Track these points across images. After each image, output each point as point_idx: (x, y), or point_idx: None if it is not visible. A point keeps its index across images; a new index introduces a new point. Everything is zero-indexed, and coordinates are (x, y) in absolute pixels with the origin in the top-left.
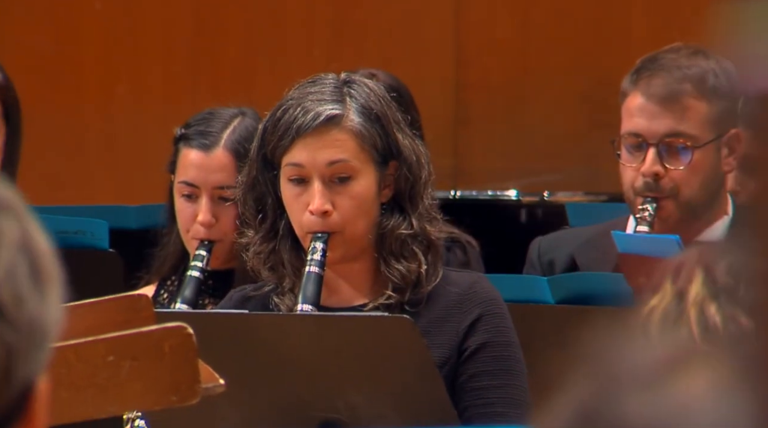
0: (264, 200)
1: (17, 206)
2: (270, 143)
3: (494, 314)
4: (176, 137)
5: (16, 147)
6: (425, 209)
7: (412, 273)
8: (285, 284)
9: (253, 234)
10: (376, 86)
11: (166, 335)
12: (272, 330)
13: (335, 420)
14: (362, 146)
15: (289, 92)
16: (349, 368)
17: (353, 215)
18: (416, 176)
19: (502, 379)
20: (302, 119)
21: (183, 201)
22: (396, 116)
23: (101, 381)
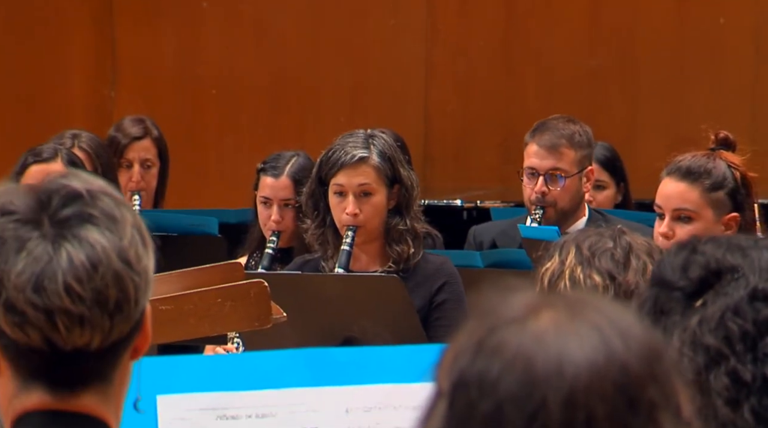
0: (318, 204)
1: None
2: (324, 171)
3: (453, 283)
4: (258, 169)
5: (165, 176)
6: (414, 214)
7: (404, 253)
8: (328, 255)
9: (310, 223)
10: (388, 138)
11: (251, 286)
12: (315, 283)
13: (353, 337)
14: (379, 175)
15: (337, 140)
16: (362, 307)
17: (371, 217)
18: (410, 193)
19: (454, 320)
20: (344, 158)
21: (262, 208)
22: (400, 157)
23: (214, 313)
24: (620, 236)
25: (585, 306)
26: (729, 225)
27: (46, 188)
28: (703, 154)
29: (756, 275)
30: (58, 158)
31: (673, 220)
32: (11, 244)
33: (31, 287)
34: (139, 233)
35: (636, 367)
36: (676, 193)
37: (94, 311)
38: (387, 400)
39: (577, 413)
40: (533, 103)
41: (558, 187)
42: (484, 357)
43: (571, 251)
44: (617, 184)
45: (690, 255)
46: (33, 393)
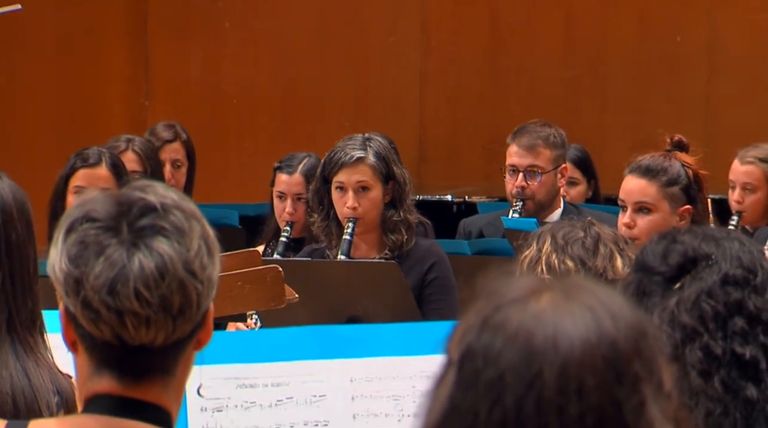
0: (323, 199)
1: (196, 213)
2: (327, 170)
3: (441, 262)
4: (275, 167)
5: (193, 174)
6: (407, 206)
7: (399, 241)
8: (333, 244)
9: (316, 217)
10: (383, 140)
11: (268, 271)
12: (323, 269)
13: (356, 316)
14: (375, 173)
15: (338, 143)
16: (364, 289)
17: (369, 210)
18: (403, 189)
19: (443, 295)
20: (344, 158)
21: (277, 201)
22: (393, 157)
23: (235, 294)
24: (590, 226)
25: (580, 289)
26: (683, 216)
27: (126, 200)
28: (660, 154)
29: (728, 262)
30: (103, 162)
31: (635, 212)
32: (92, 248)
33: (106, 289)
34: (206, 243)
35: (623, 344)
36: (637, 188)
37: (159, 314)
38: (386, 371)
39: (569, 383)
40: (515, 109)
41: (536, 182)
42: (489, 332)
43: (547, 240)
44: (588, 181)
45: (670, 244)
46: (103, 379)
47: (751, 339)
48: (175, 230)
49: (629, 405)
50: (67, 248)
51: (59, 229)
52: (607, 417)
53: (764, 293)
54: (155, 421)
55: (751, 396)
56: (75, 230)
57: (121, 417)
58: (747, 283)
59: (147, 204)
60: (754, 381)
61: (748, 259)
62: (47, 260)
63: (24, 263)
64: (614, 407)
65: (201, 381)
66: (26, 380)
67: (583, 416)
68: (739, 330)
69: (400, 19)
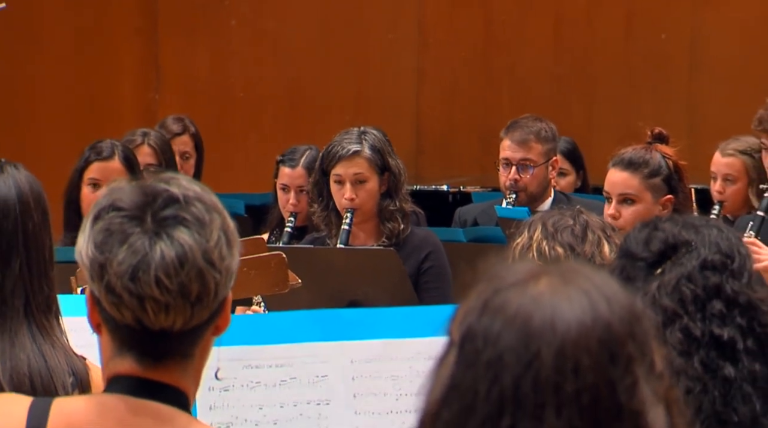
0: (322, 191)
1: (218, 206)
2: (325, 163)
3: (437, 251)
4: (277, 160)
5: (201, 166)
6: (402, 196)
7: (395, 230)
8: (332, 233)
9: (316, 207)
10: (378, 133)
11: (272, 258)
12: (324, 255)
13: (356, 300)
14: (371, 165)
15: (335, 137)
16: (364, 275)
17: (366, 200)
18: (398, 179)
19: (438, 283)
20: (341, 152)
21: (281, 193)
22: (388, 149)
23: (241, 280)
24: (578, 215)
25: (577, 274)
26: (665, 205)
27: (151, 191)
28: (642, 147)
29: (706, 248)
30: (116, 156)
31: (619, 203)
32: (117, 236)
33: (128, 276)
34: (225, 235)
35: (618, 326)
36: (621, 181)
37: (178, 301)
38: (385, 352)
39: (566, 362)
40: (507, 105)
41: (528, 175)
42: (489, 314)
43: (538, 228)
44: (577, 172)
45: (652, 232)
46: (125, 360)
47: (729, 321)
48: (196, 221)
49: (622, 385)
50: (93, 235)
51: (87, 216)
52: (602, 395)
53: (741, 277)
54: (173, 402)
55: (729, 375)
56: (102, 218)
57: (141, 397)
58: (725, 268)
59: (171, 196)
60: (731, 360)
61: (725, 245)
62: (62, 247)
63: (40, 251)
64: (608, 386)
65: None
66: (43, 361)
67: (578, 394)
68: (718, 312)
69: (398, 19)
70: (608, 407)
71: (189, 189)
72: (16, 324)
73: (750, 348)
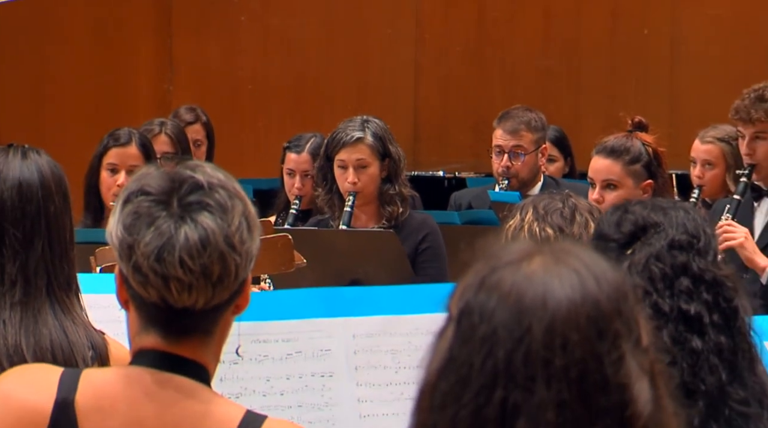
0: (326, 175)
1: (240, 193)
2: (330, 149)
3: (434, 234)
4: (284, 147)
5: (212, 152)
6: (402, 181)
7: (394, 212)
8: (335, 215)
9: (321, 191)
10: (379, 122)
11: (279, 239)
12: (328, 237)
13: (358, 279)
14: (373, 151)
15: (339, 125)
16: (365, 255)
17: (368, 184)
18: (398, 165)
19: (435, 263)
20: (345, 138)
21: (287, 177)
22: (389, 137)
23: None
24: (567, 198)
25: (569, 254)
26: (646, 190)
27: (178, 177)
28: (623, 135)
29: (674, 229)
30: (133, 142)
31: (602, 188)
32: (144, 219)
33: (154, 256)
34: (246, 220)
35: (605, 304)
36: (603, 167)
37: (200, 281)
38: (384, 328)
39: (555, 338)
40: (499, 95)
41: (519, 162)
42: (485, 292)
43: (530, 211)
44: (565, 158)
45: (623, 214)
46: (150, 335)
47: (696, 297)
48: (218, 206)
49: (609, 359)
50: (123, 217)
51: (118, 199)
52: (589, 369)
53: (707, 255)
54: (195, 376)
55: (696, 347)
56: (131, 202)
57: (164, 370)
58: (691, 247)
59: (196, 182)
60: (698, 333)
61: (692, 226)
62: (82, 228)
63: (61, 233)
64: (595, 360)
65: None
66: (64, 336)
67: (567, 368)
68: (685, 288)
69: (396, 16)
70: (595, 380)
71: (213, 177)
72: (39, 302)
73: (716, 322)
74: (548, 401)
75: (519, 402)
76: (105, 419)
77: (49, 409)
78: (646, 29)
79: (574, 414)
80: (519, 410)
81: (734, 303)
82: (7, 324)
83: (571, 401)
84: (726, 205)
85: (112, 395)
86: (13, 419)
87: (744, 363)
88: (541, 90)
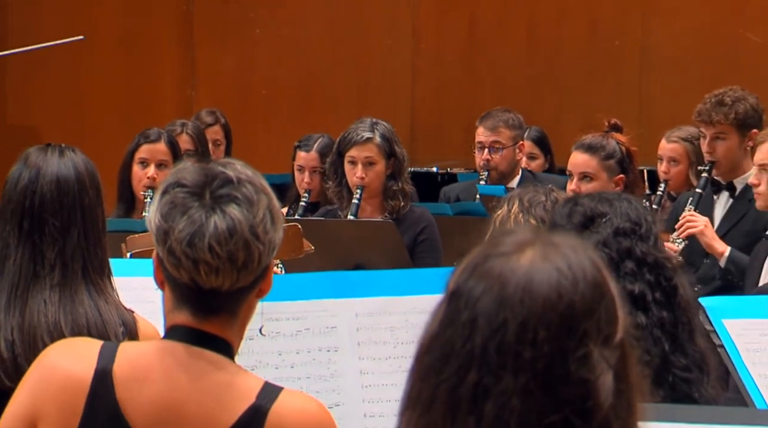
0: (337, 170)
1: (266, 188)
2: (341, 146)
3: (430, 226)
4: (294, 146)
5: (229, 151)
6: (404, 178)
7: (397, 206)
8: (344, 206)
9: (331, 184)
10: (387, 125)
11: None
12: (334, 226)
13: (361, 264)
14: (380, 150)
15: (351, 126)
16: (367, 243)
17: (374, 180)
18: (402, 164)
19: (431, 252)
20: (356, 138)
21: (297, 173)
22: (395, 139)
23: None
24: (550, 192)
25: (557, 252)
26: (618, 183)
27: (211, 172)
28: (600, 134)
29: (618, 218)
30: (162, 140)
31: (580, 180)
32: (179, 208)
33: (186, 242)
34: (270, 213)
35: (579, 305)
36: (581, 161)
37: (226, 266)
38: (384, 307)
39: (527, 333)
40: (488, 98)
41: (498, 156)
42: (475, 278)
43: (515, 203)
44: (545, 155)
45: (573, 207)
46: (182, 313)
47: (639, 278)
48: (245, 200)
49: (574, 356)
50: (160, 206)
51: (157, 191)
52: (555, 363)
53: (648, 240)
54: (221, 351)
55: (641, 322)
56: (168, 193)
57: (194, 345)
58: (634, 233)
59: (226, 177)
60: (643, 310)
61: (635, 215)
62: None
63: (95, 222)
64: (561, 356)
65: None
66: (98, 314)
67: (534, 361)
68: (630, 271)
69: (395, 26)
70: (559, 374)
71: (242, 173)
72: (75, 284)
73: (658, 299)
74: (514, 389)
75: (489, 386)
76: (140, 387)
77: (89, 378)
78: (618, 40)
79: (538, 403)
80: (489, 394)
81: (674, 282)
82: (47, 303)
83: (535, 390)
84: (689, 197)
85: (147, 365)
86: (57, 387)
87: (684, 335)
88: (525, 93)
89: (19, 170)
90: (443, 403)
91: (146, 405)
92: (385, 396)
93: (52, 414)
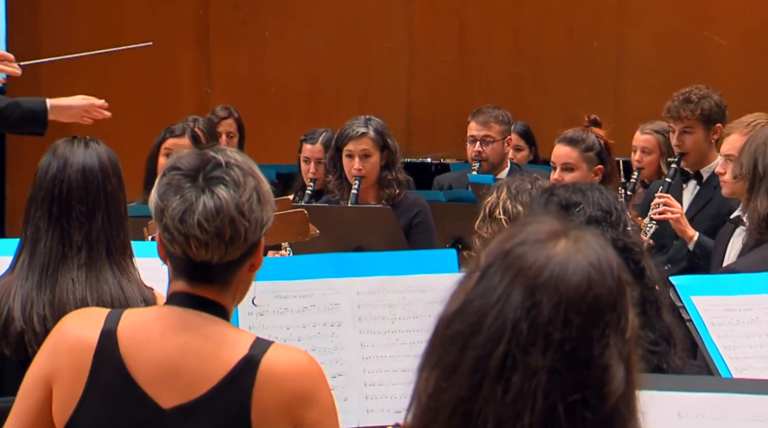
0: (336, 163)
1: (254, 171)
2: (339, 142)
3: (424, 211)
4: (301, 139)
5: (242, 143)
6: (398, 168)
7: (392, 194)
8: (344, 196)
9: (331, 177)
10: (380, 120)
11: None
12: (336, 212)
13: (361, 246)
14: (375, 143)
15: (346, 123)
16: (367, 227)
17: (370, 171)
18: (395, 155)
19: (425, 235)
20: (352, 133)
21: (303, 164)
22: (388, 132)
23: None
24: (535, 181)
25: (588, 245)
26: (597, 173)
27: (205, 157)
28: (580, 129)
29: (591, 207)
30: (186, 134)
31: (562, 171)
32: (174, 189)
33: (177, 218)
34: (257, 194)
35: (605, 298)
36: (564, 153)
37: (215, 241)
38: (383, 286)
39: (559, 316)
40: (478, 97)
41: (488, 148)
42: (510, 259)
43: (504, 191)
44: (530, 148)
45: (549, 197)
46: (179, 282)
47: None
48: (233, 182)
49: (598, 344)
50: (159, 187)
51: (160, 174)
52: (580, 347)
53: (618, 226)
54: (216, 313)
55: None
56: (166, 175)
57: (190, 308)
58: (605, 221)
59: (218, 162)
60: None
61: (605, 203)
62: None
63: (117, 208)
64: (587, 342)
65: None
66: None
67: (562, 342)
68: None
69: (393, 32)
70: (583, 357)
71: (231, 157)
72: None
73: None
74: (543, 365)
75: (518, 359)
76: (142, 344)
77: (96, 339)
78: (596, 43)
79: (563, 381)
80: (516, 366)
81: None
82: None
83: (562, 370)
84: (659, 186)
85: (148, 325)
86: (67, 349)
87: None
88: (511, 92)
89: (48, 161)
90: (470, 369)
91: (147, 360)
92: (383, 367)
93: (64, 373)
